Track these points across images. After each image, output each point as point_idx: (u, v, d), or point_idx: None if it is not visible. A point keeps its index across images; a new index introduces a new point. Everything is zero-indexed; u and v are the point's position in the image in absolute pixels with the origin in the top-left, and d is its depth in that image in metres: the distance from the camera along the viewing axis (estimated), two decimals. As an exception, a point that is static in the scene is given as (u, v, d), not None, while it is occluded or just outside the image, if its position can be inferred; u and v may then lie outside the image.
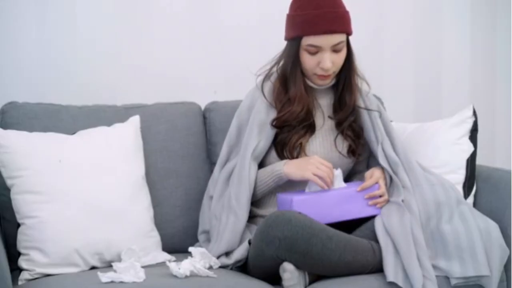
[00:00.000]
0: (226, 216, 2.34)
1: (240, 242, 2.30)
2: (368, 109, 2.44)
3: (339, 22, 2.32)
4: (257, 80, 2.47)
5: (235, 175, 2.37)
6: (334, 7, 2.32)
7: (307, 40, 2.33)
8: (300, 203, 2.22)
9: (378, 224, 2.25)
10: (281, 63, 2.43)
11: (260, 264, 2.19)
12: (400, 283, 2.11)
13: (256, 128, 2.38)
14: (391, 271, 2.13)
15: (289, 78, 2.39)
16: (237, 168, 2.37)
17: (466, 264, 2.17)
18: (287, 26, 2.39)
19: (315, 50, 2.33)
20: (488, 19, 3.23)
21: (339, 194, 2.29)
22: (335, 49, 2.34)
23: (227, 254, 2.30)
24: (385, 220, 2.25)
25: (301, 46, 2.35)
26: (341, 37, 2.34)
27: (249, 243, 2.25)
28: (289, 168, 2.33)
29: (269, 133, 2.39)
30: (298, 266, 2.12)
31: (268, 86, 2.43)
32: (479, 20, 3.22)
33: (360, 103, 2.45)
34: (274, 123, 2.39)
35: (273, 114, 2.40)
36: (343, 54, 2.37)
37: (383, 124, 2.45)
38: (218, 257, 2.29)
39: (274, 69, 2.45)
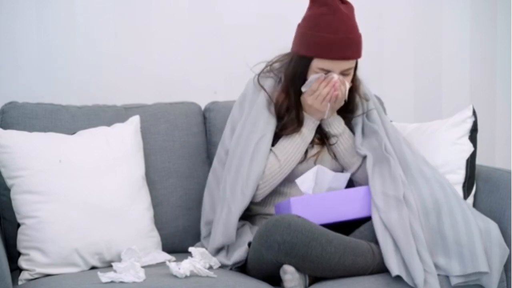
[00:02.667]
0: (220, 207, 2.34)
1: (242, 243, 2.29)
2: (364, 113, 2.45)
3: (353, 49, 2.31)
4: (254, 79, 2.46)
5: (233, 165, 2.36)
6: (350, 33, 2.29)
7: (318, 63, 2.31)
8: (297, 203, 2.23)
9: (376, 220, 2.24)
10: (288, 69, 2.39)
11: (259, 267, 2.19)
12: (403, 277, 2.11)
13: (260, 121, 2.38)
14: (395, 266, 2.13)
15: (292, 88, 2.38)
16: (236, 160, 2.36)
17: (465, 261, 2.17)
18: (298, 41, 2.35)
19: (325, 73, 2.32)
20: (488, 19, 3.23)
21: (337, 195, 2.29)
22: (344, 73, 2.33)
23: (227, 253, 2.31)
24: (383, 216, 2.24)
25: (310, 66, 2.32)
26: (353, 63, 2.34)
27: (249, 245, 2.25)
28: (315, 116, 2.37)
29: (272, 126, 2.39)
30: (297, 270, 2.12)
31: (268, 82, 2.43)
32: (479, 20, 3.22)
33: (359, 111, 2.45)
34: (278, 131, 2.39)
35: (273, 108, 2.40)
36: (350, 78, 2.36)
37: (380, 118, 2.45)
38: (217, 252, 2.30)
39: (269, 68, 2.45)
